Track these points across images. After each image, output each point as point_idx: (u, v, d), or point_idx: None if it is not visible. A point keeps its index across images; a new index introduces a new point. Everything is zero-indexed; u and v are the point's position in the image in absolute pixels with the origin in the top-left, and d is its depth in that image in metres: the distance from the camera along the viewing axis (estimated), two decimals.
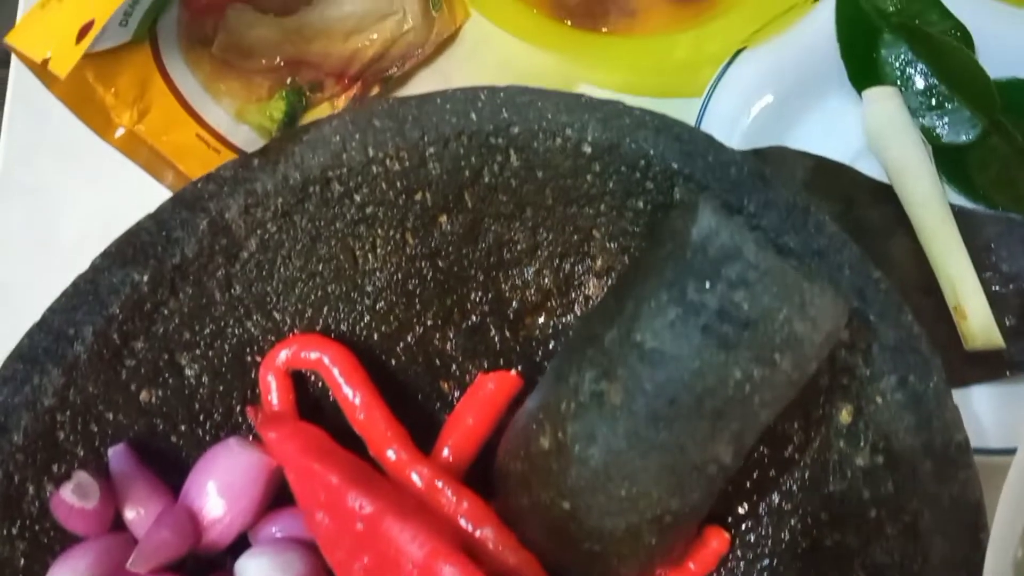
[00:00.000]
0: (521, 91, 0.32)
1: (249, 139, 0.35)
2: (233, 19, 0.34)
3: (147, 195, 0.32)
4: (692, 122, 0.39)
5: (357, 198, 0.31)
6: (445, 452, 0.30)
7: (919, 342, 0.28)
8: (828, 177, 0.39)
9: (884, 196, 0.38)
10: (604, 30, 0.43)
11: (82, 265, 0.29)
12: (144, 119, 0.32)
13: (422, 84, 0.43)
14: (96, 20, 0.24)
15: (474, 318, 0.33)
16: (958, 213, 0.37)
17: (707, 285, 0.23)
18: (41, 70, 0.27)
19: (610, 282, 0.33)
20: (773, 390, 0.23)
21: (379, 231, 0.32)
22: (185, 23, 0.32)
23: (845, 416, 0.28)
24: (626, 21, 0.43)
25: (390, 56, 0.40)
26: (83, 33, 0.24)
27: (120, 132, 0.32)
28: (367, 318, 0.32)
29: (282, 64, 0.36)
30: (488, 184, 0.32)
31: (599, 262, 0.33)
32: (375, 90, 0.41)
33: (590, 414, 0.24)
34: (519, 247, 0.33)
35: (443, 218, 0.32)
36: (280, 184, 0.30)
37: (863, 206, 0.39)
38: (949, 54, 0.39)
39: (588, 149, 0.31)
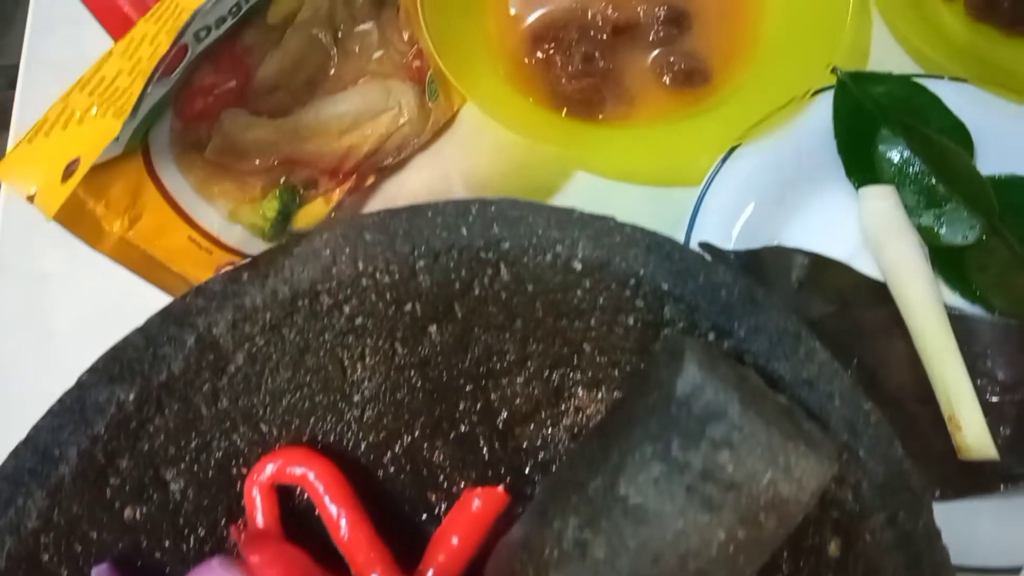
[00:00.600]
0: (512, 205, 0.31)
1: (243, 238, 0.35)
2: (227, 123, 0.34)
3: (143, 285, 0.33)
4: (689, 213, 0.39)
5: (346, 309, 0.31)
6: (429, 574, 0.29)
7: (909, 478, 0.27)
8: (824, 275, 0.39)
9: (881, 296, 0.38)
10: (601, 117, 0.43)
11: (77, 353, 0.29)
12: (135, 225, 0.32)
13: (419, 169, 0.43)
14: (82, 159, 0.24)
15: (463, 428, 0.33)
16: (955, 317, 0.37)
17: (692, 444, 0.22)
18: None
19: (599, 395, 0.32)
20: (759, 547, 0.23)
21: (368, 341, 0.32)
22: (177, 131, 0.32)
23: (834, 549, 0.28)
24: (623, 109, 0.43)
25: (386, 149, 0.40)
26: (69, 171, 0.24)
27: (111, 240, 0.32)
28: (355, 427, 0.32)
29: (276, 163, 0.36)
30: (478, 296, 0.32)
31: (589, 374, 0.32)
32: (370, 180, 0.41)
33: (573, 564, 0.24)
34: (509, 358, 0.33)
35: (433, 328, 0.32)
36: (269, 299, 0.30)
37: (860, 306, 0.38)
38: (947, 156, 0.38)
39: (578, 266, 0.31)
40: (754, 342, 0.29)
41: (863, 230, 0.39)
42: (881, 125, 0.40)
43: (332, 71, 0.36)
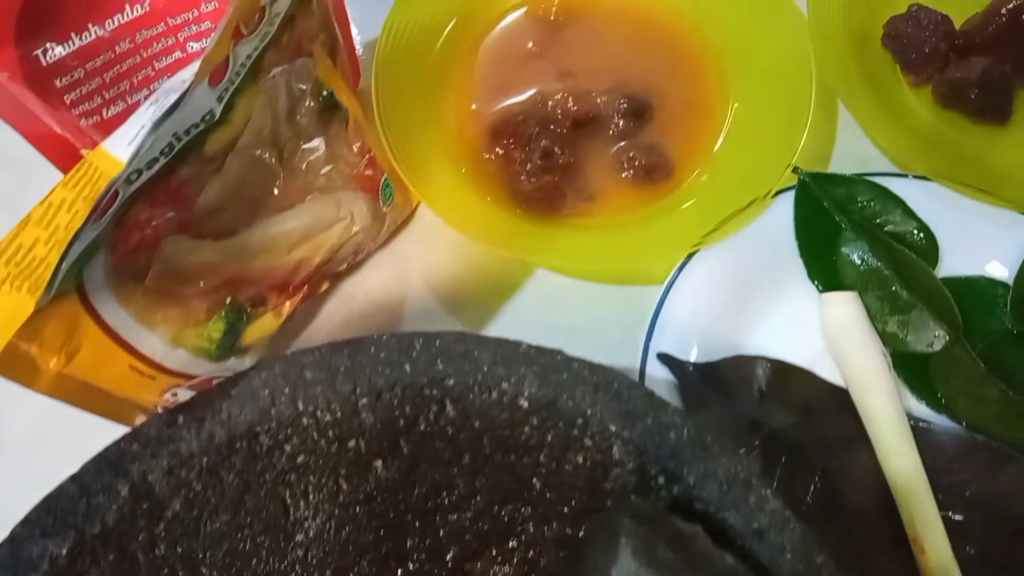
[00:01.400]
0: (457, 339, 0.31)
1: (187, 361, 0.35)
2: (168, 250, 0.33)
3: None
4: (650, 311, 0.38)
5: (287, 448, 0.31)
6: None
7: None
8: (787, 382, 0.38)
9: (845, 404, 0.37)
10: (562, 213, 0.42)
11: (29, 466, 0.28)
12: (73, 360, 0.31)
13: (376, 268, 0.43)
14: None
15: (411, 565, 0.32)
16: (919, 430, 0.36)
17: None
18: None
19: (550, 531, 0.31)
20: None
21: (311, 479, 0.31)
22: (113, 265, 0.31)
23: None
24: (584, 205, 0.43)
25: (339, 257, 0.39)
26: None
27: (47, 378, 0.31)
28: (299, 568, 0.31)
29: (222, 284, 0.35)
30: (424, 431, 0.31)
31: (539, 510, 0.31)
32: (324, 286, 0.40)
33: None
34: (457, 492, 0.32)
35: (378, 463, 0.31)
36: (205, 443, 0.29)
37: (822, 415, 0.38)
38: (909, 266, 0.38)
39: (525, 403, 0.30)
40: (704, 488, 0.28)
41: (825, 336, 0.38)
42: (843, 227, 0.39)
43: (278, 190, 0.35)
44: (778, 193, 0.40)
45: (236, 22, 0.27)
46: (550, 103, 0.44)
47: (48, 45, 0.30)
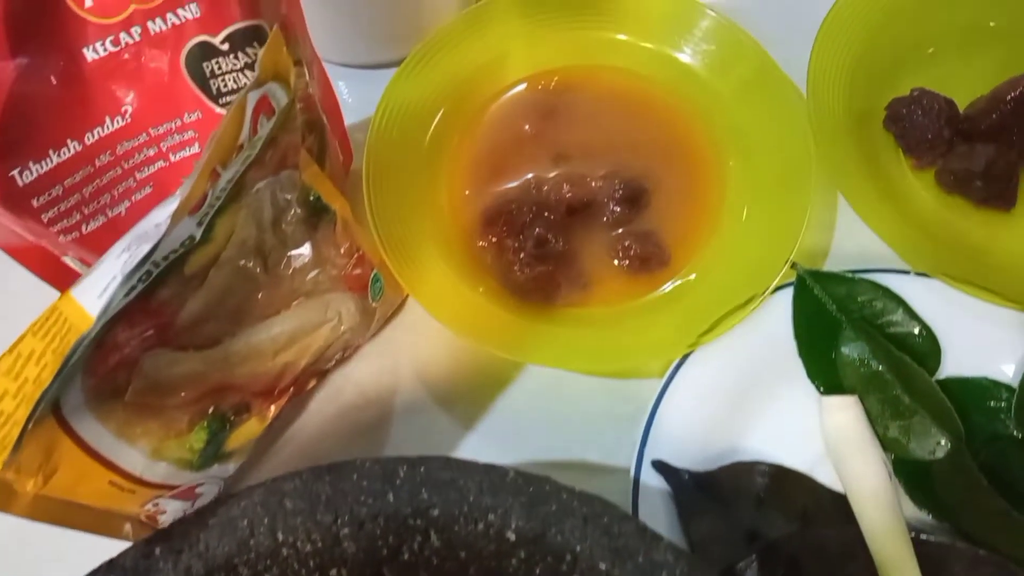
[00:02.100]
0: (443, 466, 0.30)
1: (168, 473, 0.34)
2: (149, 365, 0.32)
3: None
4: (646, 405, 0.37)
5: None
6: None
7: None
8: (786, 488, 0.37)
9: (844, 511, 0.36)
10: (556, 303, 0.42)
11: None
12: (50, 481, 0.30)
13: (367, 358, 0.42)
14: None
15: None
16: (921, 543, 0.35)
17: None
18: None
19: None
20: None
21: None
22: (91, 386, 0.30)
23: None
24: (579, 295, 0.42)
25: (327, 356, 0.38)
26: None
27: (24, 500, 0.30)
28: None
29: (204, 393, 0.34)
30: (408, 561, 0.30)
31: None
32: (311, 384, 0.39)
33: None
34: None
35: None
36: None
37: (821, 522, 0.37)
38: (910, 373, 0.37)
39: (512, 536, 0.29)
40: None
41: (824, 442, 0.37)
42: (844, 327, 0.38)
43: (263, 298, 0.34)
44: (777, 289, 0.39)
45: (212, 166, 0.26)
46: (545, 188, 0.43)
47: (25, 165, 0.29)
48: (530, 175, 0.44)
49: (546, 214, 0.42)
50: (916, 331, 0.38)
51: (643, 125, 0.46)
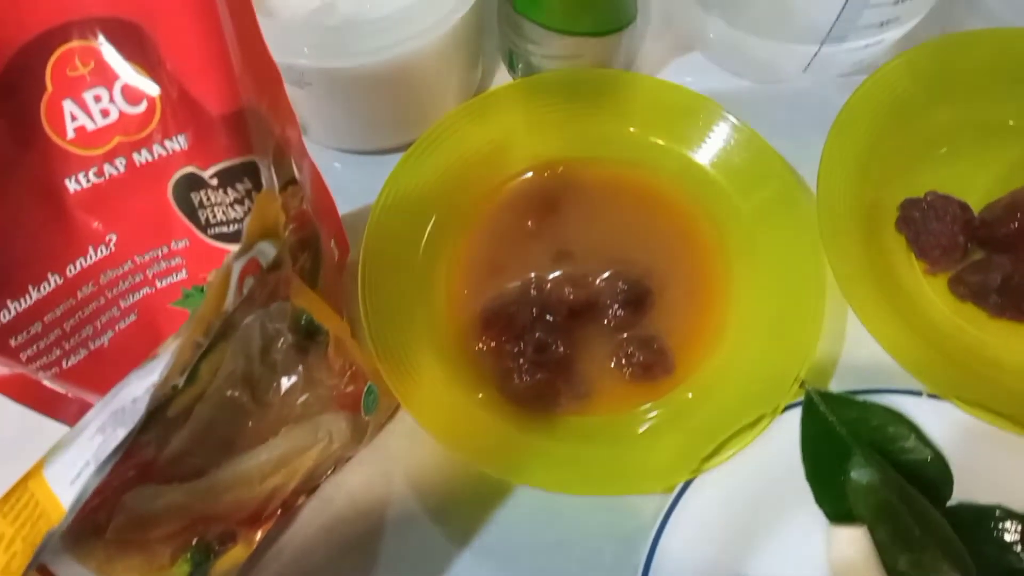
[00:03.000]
0: None
1: None
2: (131, 501, 0.31)
3: None
4: (650, 525, 0.36)
5: None
6: None
7: None
8: None
9: None
10: (556, 411, 0.40)
11: None
12: None
13: (359, 465, 0.40)
14: None
15: None
16: None
17: None
18: None
19: None
20: None
21: None
22: (69, 528, 0.29)
23: None
24: (579, 403, 0.40)
25: (317, 474, 0.37)
26: None
27: None
28: None
29: (188, 524, 0.33)
30: None
31: None
32: (300, 500, 0.38)
33: None
34: None
35: None
36: None
37: None
38: (923, 509, 0.35)
39: None
40: None
41: (831, 574, 0.36)
42: (854, 452, 0.37)
43: (251, 426, 0.33)
44: (785, 408, 0.38)
45: (194, 339, 0.25)
46: (546, 288, 0.42)
47: (2, 304, 0.28)
48: (531, 274, 0.43)
49: (547, 317, 0.41)
50: (928, 457, 0.37)
51: (648, 221, 0.44)
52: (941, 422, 0.37)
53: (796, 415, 0.38)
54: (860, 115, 0.44)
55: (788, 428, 0.38)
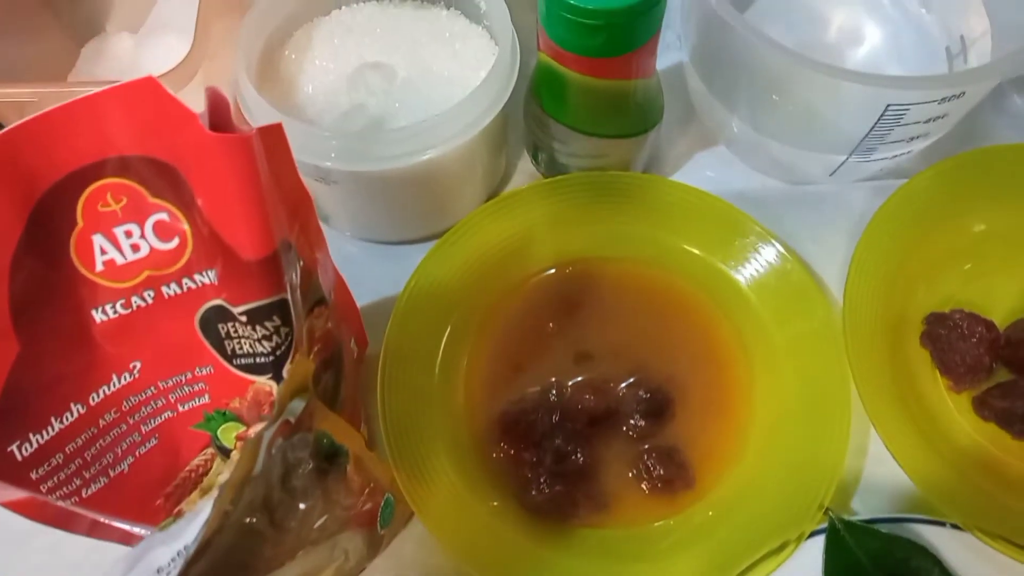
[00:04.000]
0: None
1: None
2: None
3: None
4: None
5: None
6: None
7: None
8: None
9: None
10: (573, 523, 0.40)
11: None
12: None
13: (373, 571, 0.40)
14: None
15: None
16: None
17: None
18: None
19: None
20: None
21: None
22: None
23: None
24: (597, 516, 0.40)
25: None
26: None
27: None
28: None
29: None
30: None
31: None
32: None
33: None
34: None
35: None
36: None
37: None
38: None
39: None
40: None
41: None
42: None
43: (267, 551, 0.32)
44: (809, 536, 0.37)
45: (223, 508, 0.24)
46: (566, 393, 0.42)
47: (25, 437, 0.28)
48: (552, 378, 0.42)
49: (567, 424, 0.41)
50: None
51: (670, 324, 0.44)
52: (965, 554, 0.37)
53: (818, 541, 0.37)
54: (888, 227, 0.43)
55: (810, 555, 0.37)
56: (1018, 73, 0.38)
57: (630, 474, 0.40)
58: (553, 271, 0.45)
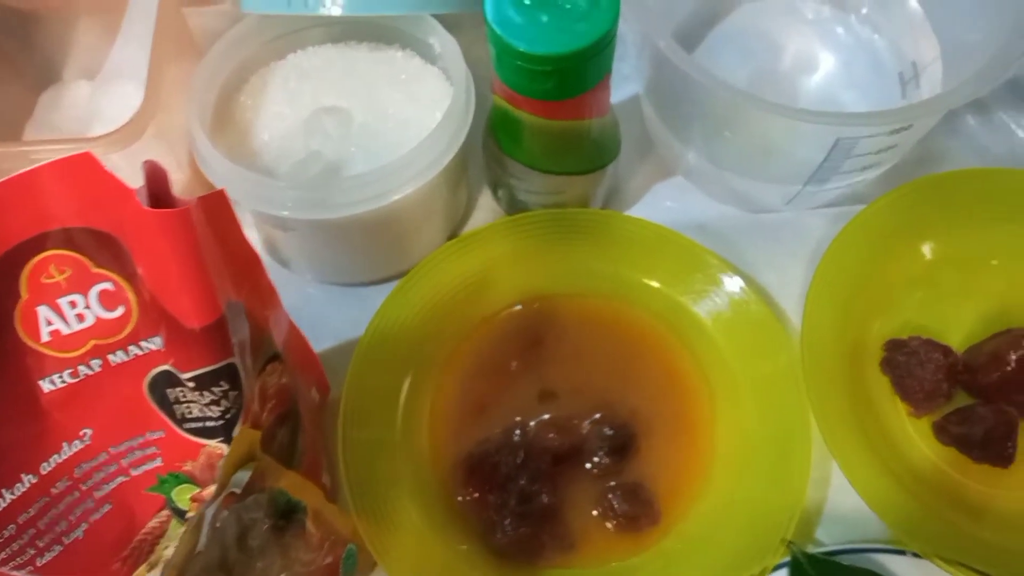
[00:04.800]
0: None
1: None
2: None
3: None
4: None
5: None
6: None
7: None
8: None
9: None
10: (540, 564, 0.40)
11: None
12: None
13: None
14: None
15: None
16: None
17: None
18: None
19: None
20: None
21: None
22: None
23: None
24: (563, 556, 0.40)
25: None
26: None
27: None
28: None
29: None
30: None
31: None
32: None
33: None
34: None
35: None
36: None
37: None
38: None
39: None
40: None
41: None
42: None
43: None
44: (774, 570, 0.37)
45: None
46: (530, 433, 0.42)
47: None
48: (516, 418, 0.42)
49: (531, 464, 0.41)
50: None
51: (633, 360, 0.44)
52: None
53: (783, 575, 0.37)
54: (844, 255, 0.44)
55: None
56: (963, 102, 0.38)
57: (595, 512, 0.41)
58: (515, 309, 0.45)
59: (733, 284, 0.44)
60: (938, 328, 0.44)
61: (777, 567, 0.38)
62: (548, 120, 0.40)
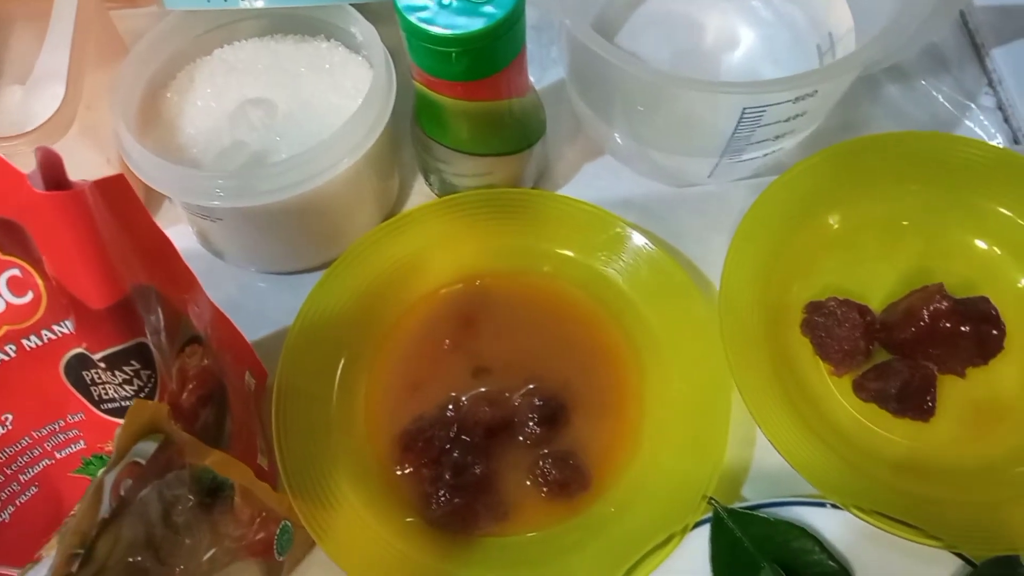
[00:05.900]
0: None
1: None
2: None
3: None
4: None
5: None
6: None
7: None
8: None
9: None
10: (477, 534, 0.41)
11: None
12: None
13: None
14: None
15: None
16: None
17: None
18: None
19: None
20: None
21: None
22: None
23: None
24: (499, 525, 0.41)
25: None
26: None
27: None
28: None
29: None
30: None
31: None
32: None
33: None
34: None
35: None
36: None
37: None
38: None
39: None
40: None
41: None
42: (761, 564, 0.38)
43: None
44: (697, 524, 0.39)
45: (68, 553, 0.25)
46: (463, 407, 0.43)
47: None
48: (451, 394, 0.43)
49: (464, 437, 0.42)
50: (833, 570, 0.38)
51: (563, 333, 0.45)
52: (845, 531, 0.38)
53: (706, 532, 0.39)
54: (761, 222, 0.45)
55: (701, 543, 0.38)
56: (859, 68, 0.39)
57: (527, 481, 0.42)
58: (447, 289, 0.46)
59: (649, 251, 0.45)
60: (858, 290, 0.45)
61: (701, 523, 0.39)
62: (466, 102, 0.41)
